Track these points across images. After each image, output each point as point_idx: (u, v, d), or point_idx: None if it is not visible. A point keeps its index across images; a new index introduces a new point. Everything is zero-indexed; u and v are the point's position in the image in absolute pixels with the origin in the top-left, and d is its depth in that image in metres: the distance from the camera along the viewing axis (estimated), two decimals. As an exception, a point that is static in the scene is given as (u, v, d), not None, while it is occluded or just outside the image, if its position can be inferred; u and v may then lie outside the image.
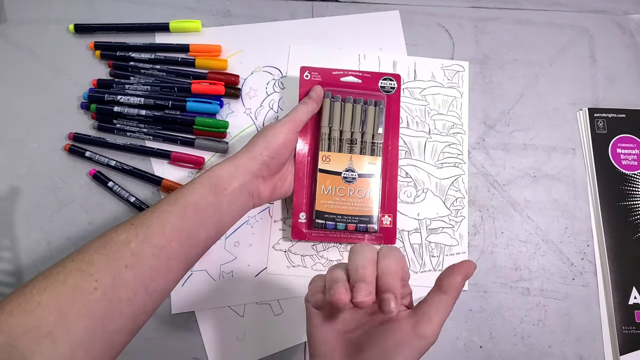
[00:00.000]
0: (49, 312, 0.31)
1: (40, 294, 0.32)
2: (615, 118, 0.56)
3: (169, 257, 0.37)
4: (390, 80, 0.53)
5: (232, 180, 0.42)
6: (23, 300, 0.31)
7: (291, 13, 0.60)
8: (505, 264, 0.52)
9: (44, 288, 0.32)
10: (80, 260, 0.34)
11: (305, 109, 0.49)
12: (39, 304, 0.31)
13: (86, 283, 0.33)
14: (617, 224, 0.52)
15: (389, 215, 0.51)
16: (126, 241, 0.36)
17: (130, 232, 0.37)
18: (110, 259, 0.35)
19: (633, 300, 0.50)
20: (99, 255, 0.35)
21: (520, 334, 0.51)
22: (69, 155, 0.55)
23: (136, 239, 0.36)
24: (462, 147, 0.56)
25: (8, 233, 0.52)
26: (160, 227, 0.38)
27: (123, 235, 0.37)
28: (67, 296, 0.32)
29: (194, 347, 0.50)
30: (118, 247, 0.36)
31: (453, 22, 0.60)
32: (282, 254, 0.52)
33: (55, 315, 0.31)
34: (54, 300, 0.32)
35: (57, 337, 0.31)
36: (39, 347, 0.30)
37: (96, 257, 0.35)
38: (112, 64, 0.57)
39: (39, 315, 0.31)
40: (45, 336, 0.30)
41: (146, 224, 0.38)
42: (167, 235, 0.38)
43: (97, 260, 0.34)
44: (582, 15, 0.61)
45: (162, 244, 0.37)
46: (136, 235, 0.37)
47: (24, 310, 0.31)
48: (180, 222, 0.39)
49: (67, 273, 0.33)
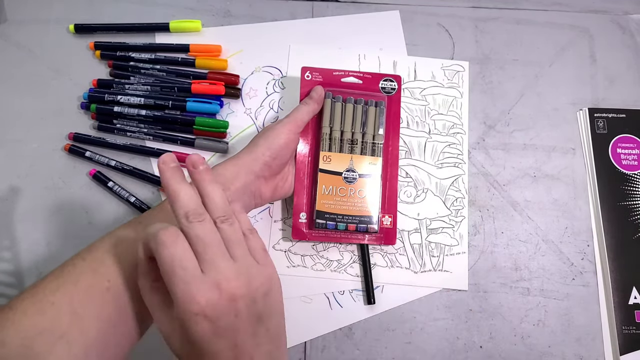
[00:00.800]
0: (63, 312, 0.31)
1: (54, 294, 0.32)
2: (615, 118, 0.56)
3: None
4: (391, 82, 0.53)
5: (234, 180, 0.42)
6: (37, 299, 0.31)
7: (291, 13, 0.60)
8: (505, 264, 0.52)
9: (56, 288, 0.32)
10: (92, 260, 0.34)
11: (307, 109, 0.49)
12: (53, 304, 0.31)
13: (99, 283, 0.33)
14: (617, 224, 0.52)
15: (389, 215, 0.51)
16: (136, 240, 0.36)
17: (139, 231, 0.37)
18: (122, 259, 0.35)
19: (633, 300, 0.50)
20: (110, 255, 0.35)
21: (520, 334, 0.51)
22: (69, 155, 0.55)
23: None
24: (462, 147, 0.56)
25: (8, 233, 0.52)
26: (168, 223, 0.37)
27: (132, 234, 0.36)
28: (81, 297, 0.32)
29: (194, 347, 0.50)
30: (128, 246, 0.35)
31: (453, 22, 0.60)
32: (282, 254, 0.52)
33: (69, 316, 0.31)
34: (68, 300, 0.32)
35: (71, 339, 0.31)
36: (54, 348, 0.30)
37: (107, 257, 0.34)
38: (112, 64, 0.57)
39: (53, 316, 0.31)
40: (60, 337, 0.30)
41: (154, 222, 0.37)
42: None
43: (108, 260, 0.34)
44: (582, 15, 0.61)
45: None
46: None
47: (38, 311, 0.31)
48: None
49: (79, 273, 0.33)
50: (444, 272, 0.52)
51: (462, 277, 0.52)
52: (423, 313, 0.51)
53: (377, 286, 0.51)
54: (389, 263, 0.52)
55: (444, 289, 0.52)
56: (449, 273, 0.52)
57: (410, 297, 0.51)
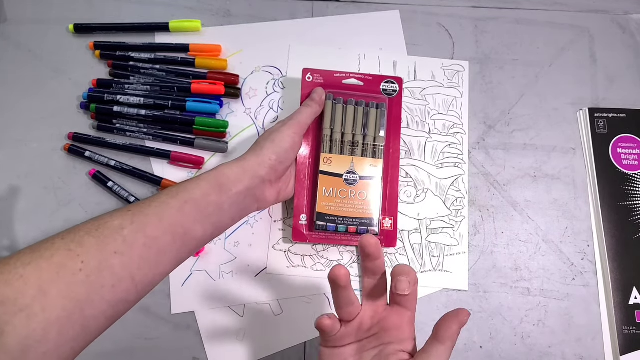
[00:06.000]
0: (29, 286, 0.31)
1: (25, 267, 0.31)
2: (615, 118, 0.56)
3: (160, 250, 0.37)
4: (392, 83, 0.53)
5: (238, 182, 0.42)
6: (6, 270, 0.31)
7: (291, 13, 0.59)
8: (505, 264, 0.52)
9: (28, 262, 0.32)
10: (70, 240, 0.34)
11: (310, 111, 0.48)
12: (21, 277, 0.31)
13: (71, 263, 0.32)
14: (618, 224, 0.52)
15: (389, 217, 0.51)
16: (120, 227, 0.35)
17: (125, 218, 0.36)
18: (100, 243, 0.34)
19: (633, 300, 0.50)
20: (90, 237, 0.34)
21: (521, 334, 0.51)
22: (68, 155, 0.55)
23: (130, 226, 0.36)
24: (462, 147, 0.55)
25: (7, 233, 0.52)
26: (157, 218, 0.37)
27: (117, 221, 0.36)
28: (50, 274, 0.32)
29: (193, 347, 0.50)
30: (110, 231, 0.35)
31: (453, 22, 0.60)
32: (282, 254, 0.52)
33: (35, 291, 0.31)
34: (37, 275, 0.31)
35: (32, 313, 0.30)
36: (13, 318, 0.29)
37: (86, 239, 0.34)
38: (111, 63, 0.57)
39: (19, 289, 0.30)
40: (21, 310, 0.30)
41: (143, 213, 0.37)
42: (163, 227, 0.37)
43: (86, 242, 0.34)
44: (582, 15, 0.60)
45: (156, 235, 0.36)
46: (131, 223, 0.36)
47: (5, 281, 0.30)
48: (178, 216, 0.38)
49: (55, 250, 0.33)
50: (444, 272, 0.52)
51: (462, 277, 0.52)
52: (423, 313, 0.51)
53: (377, 286, 0.51)
54: (389, 263, 0.52)
55: (444, 289, 0.52)
56: (449, 273, 0.52)
57: (410, 297, 0.51)
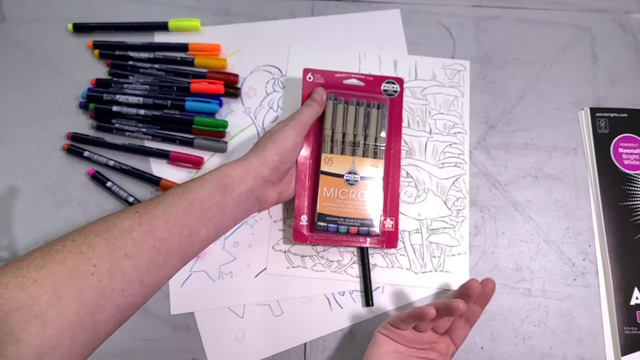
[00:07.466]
0: (43, 291, 0.30)
1: (38, 271, 0.31)
2: (617, 117, 0.56)
3: (168, 252, 0.37)
4: (393, 84, 0.53)
5: (241, 183, 0.42)
6: (20, 274, 0.31)
7: (291, 12, 0.59)
8: (506, 265, 0.52)
9: (41, 265, 0.31)
10: (81, 242, 0.33)
11: (311, 111, 0.48)
12: (35, 282, 0.31)
13: (84, 267, 0.32)
14: (619, 224, 0.52)
15: (390, 218, 0.51)
16: (129, 229, 0.35)
17: (134, 220, 0.36)
18: (111, 245, 0.34)
19: (635, 301, 0.50)
20: (100, 239, 0.34)
21: (522, 335, 0.50)
22: (67, 155, 0.54)
23: (139, 228, 0.35)
24: (463, 146, 0.55)
25: (6, 233, 0.52)
26: (164, 219, 0.37)
27: (126, 223, 0.35)
28: (64, 278, 0.31)
29: (193, 347, 0.49)
30: (120, 234, 0.35)
31: (454, 21, 0.59)
32: (281, 254, 0.52)
33: (49, 296, 0.30)
34: (50, 280, 0.31)
35: (47, 318, 0.30)
36: (29, 325, 0.29)
37: (97, 241, 0.34)
38: (110, 63, 0.57)
39: (34, 293, 0.30)
40: (36, 316, 0.30)
41: (151, 215, 0.37)
42: (170, 228, 0.37)
43: (97, 245, 0.34)
44: (583, 14, 0.60)
45: (164, 237, 0.36)
46: (140, 225, 0.36)
47: (20, 285, 0.30)
48: (184, 218, 0.38)
49: (67, 253, 0.33)
50: (444, 273, 0.52)
51: (463, 277, 0.52)
52: (424, 314, 0.51)
53: (378, 287, 0.51)
54: (390, 264, 0.52)
55: (445, 289, 0.51)
56: (450, 274, 0.52)
57: (411, 297, 0.51)
